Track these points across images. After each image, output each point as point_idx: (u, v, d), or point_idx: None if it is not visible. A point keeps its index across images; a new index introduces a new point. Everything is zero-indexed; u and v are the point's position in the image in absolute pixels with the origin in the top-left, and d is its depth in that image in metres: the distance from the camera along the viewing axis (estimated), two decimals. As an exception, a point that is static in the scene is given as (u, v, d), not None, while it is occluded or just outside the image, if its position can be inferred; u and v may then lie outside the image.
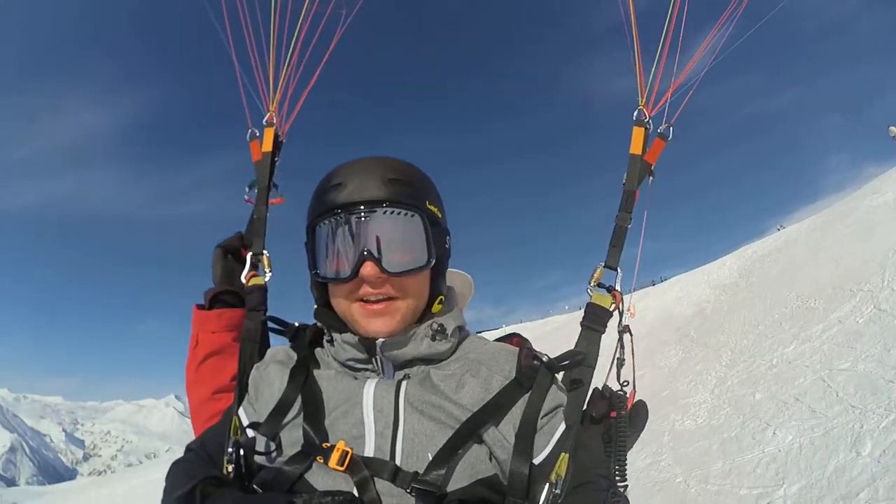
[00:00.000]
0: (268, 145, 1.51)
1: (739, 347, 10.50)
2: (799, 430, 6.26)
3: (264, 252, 1.38)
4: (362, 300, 1.00)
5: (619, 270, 1.19)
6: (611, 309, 1.15)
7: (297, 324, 1.21)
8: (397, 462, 0.92)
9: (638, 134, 1.28)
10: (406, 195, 1.00)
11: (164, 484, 1.04)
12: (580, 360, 1.06)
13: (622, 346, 1.19)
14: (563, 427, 0.99)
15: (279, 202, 1.51)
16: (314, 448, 0.94)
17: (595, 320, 1.14)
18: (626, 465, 1.01)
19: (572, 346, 1.11)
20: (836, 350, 7.82)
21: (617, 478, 1.01)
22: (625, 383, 1.10)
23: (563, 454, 0.94)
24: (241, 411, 1.11)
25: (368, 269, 0.96)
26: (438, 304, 1.08)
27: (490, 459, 0.96)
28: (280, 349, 1.17)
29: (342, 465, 0.90)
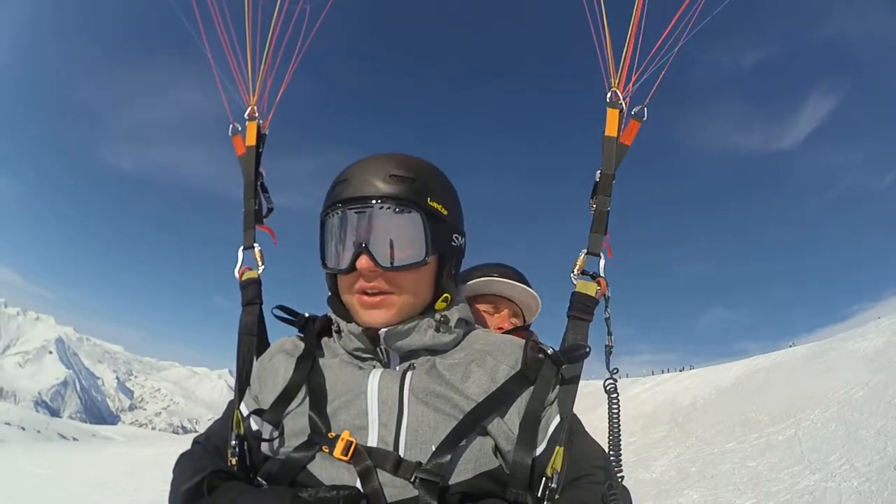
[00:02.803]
0: (251, 139, 1.48)
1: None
2: None
3: (255, 245, 1.39)
4: (362, 292, 1.02)
5: (602, 256, 1.18)
6: (596, 296, 1.14)
7: (307, 314, 1.21)
8: (400, 453, 0.92)
9: (613, 116, 1.26)
10: (405, 192, 1.01)
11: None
12: (585, 354, 1.06)
13: (610, 334, 1.16)
14: (557, 420, 1.00)
15: (268, 231, 1.44)
16: (319, 437, 0.95)
17: (582, 309, 1.13)
18: (621, 453, 1.05)
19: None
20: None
21: (614, 467, 1.02)
22: (615, 371, 1.13)
23: (557, 447, 0.95)
24: (242, 405, 1.13)
25: (363, 262, 0.99)
26: (442, 301, 1.07)
27: (494, 452, 0.96)
28: (287, 340, 1.19)
29: (346, 455, 0.90)
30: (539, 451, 0.97)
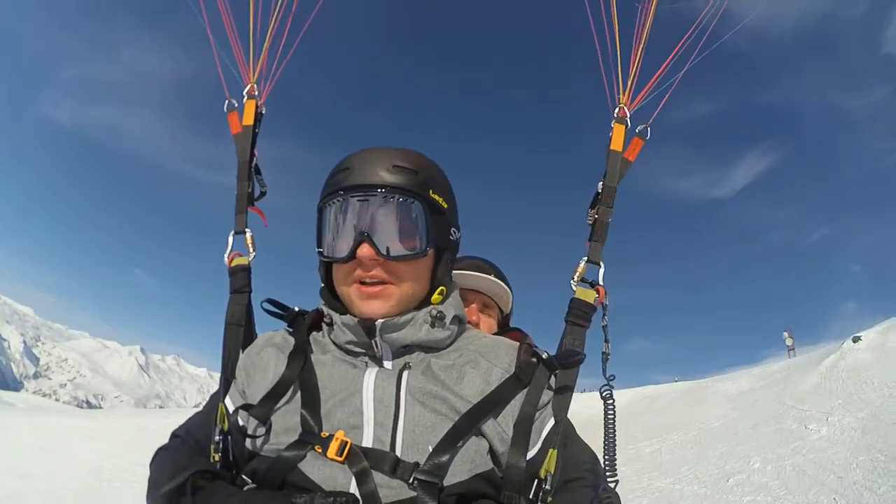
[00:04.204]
0: (249, 118, 1.41)
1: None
2: None
3: (247, 231, 1.33)
4: (360, 282, 1.00)
5: (601, 265, 1.19)
6: (594, 304, 1.15)
7: (296, 308, 1.16)
8: (397, 453, 0.89)
9: (619, 131, 1.28)
10: (409, 182, 0.99)
11: (149, 473, 1.02)
12: (579, 360, 1.07)
13: (607, 341, 1.17)
14: (551, 422, 1.00)
15: (259, 213, 1.40)
16: (311, 436, 0.91)
17: (580, 316, 1.14)
18: (615, 459, 1.04)
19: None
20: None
21: (607, 473, 1.03)
22: (611, 377, 1.12)
23: (551, 450, 0.95)
24: (227, 399, 1.08)
25: (365, 250, 0.96)
26: (438, 294, 1.05)
27: (488, 453, 0.95)
28: (276, 333, 1.15)
29: (340, 456, 0.88)
30: (532, 453, 0.96)
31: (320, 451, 0.89)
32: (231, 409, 1.05)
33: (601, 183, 1.26)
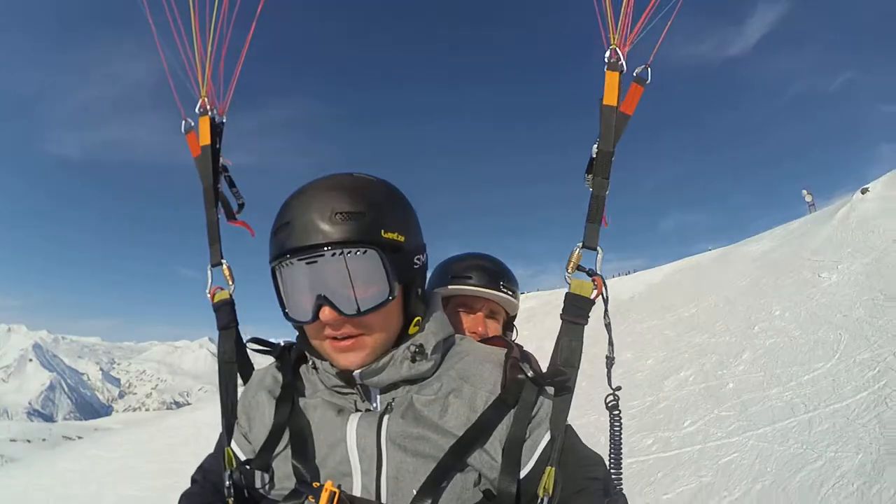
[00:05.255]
0: (205, 137, 1.30)
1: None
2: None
3: (223, 262, 1.26)
4: (332, 338, 0.96)
5: (599, 250, 1.05)
6: (592, 297, 1.04)
7: (282, 342, 1.16)
8: (383, 500, 0.92)
9: (612, 80, 1.08)
10: (357, 231, 0.91)
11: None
12: (566, 381, 0.99)
13: (611, 343, 1.08)
14: (546, 438, 0.96)
15: (243, 226, 1.36)
16: (304, 486, 0.93)
17: (576, 312, 1.04)
18: (621, 471, 1.01)
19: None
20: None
21: (613, 478, 1.01)
22: (618, 389, 1.05)
23: (548, 468, 0.93)
24: (234, 444, 1.10)
25: (326, 313, 0.91)
26: (415, 325, 1.01)
27: (476, 485, 0.94)
28: (267, 373, 1.14)
29: None
30: (526, 471, 0.95)
31: (313, 500, 0.90)
32: (239, 453, 1.08)
33: (595, 146, 1.08)
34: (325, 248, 0.91)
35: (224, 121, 1.37)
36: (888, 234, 11.88)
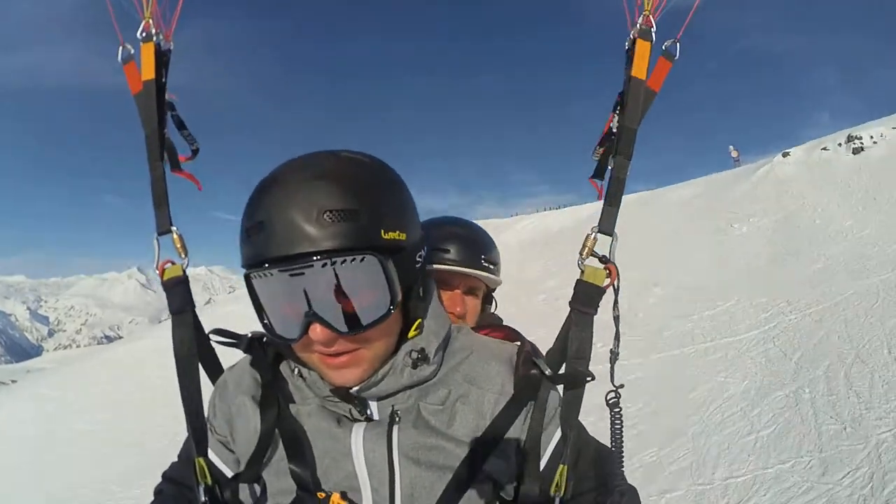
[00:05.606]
0: (149, 70, 1.02)
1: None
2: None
3: (173, 229, 0.99)
4: (324, 353, 0.82)
5: (614, 237, 0.95)
6: (604, 286, 0.93)
7: (250, 333, 0.97)
8: None
9: (643, 50, 0.96)
10: (352, 234, 0.75)
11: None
12: (582, 377, 0.89)
13: (617, 340, 0.98)
14: (558, 435, 0.91)
15: (188, 177, 1.10)
16: (308, 496, 0.85)
17: (586, 301, 0.93)
18: (622, 466, 0.96)
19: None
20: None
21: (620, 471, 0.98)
22: (620, 386, 0.97)
23: (560, 466, 0.88)
24: (211, 454, 0.95)
25: (317, 332, 0.77)
26: (415, 329, 0.89)
27: (493, 492, 0.91)
28: (244, 373, 0.98)
29: None
30: (539, 469, 0.91)
31: None
32: (220, 466, 0.95)
33: (616, 121, 0.97)
34: (314, 259, 0.74)
35: (171, 47, 1.09)
36: (799, 197, 13.23)
